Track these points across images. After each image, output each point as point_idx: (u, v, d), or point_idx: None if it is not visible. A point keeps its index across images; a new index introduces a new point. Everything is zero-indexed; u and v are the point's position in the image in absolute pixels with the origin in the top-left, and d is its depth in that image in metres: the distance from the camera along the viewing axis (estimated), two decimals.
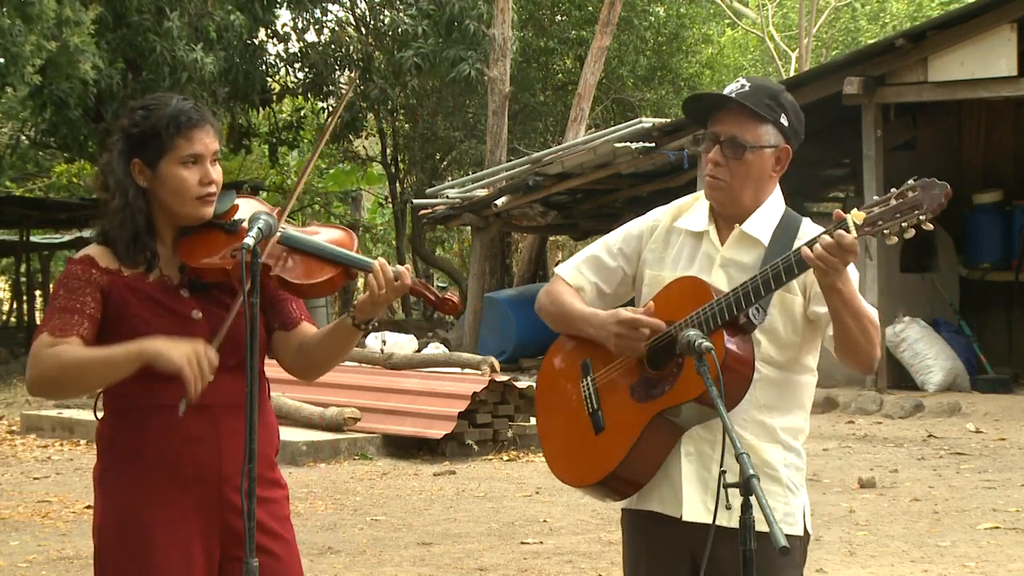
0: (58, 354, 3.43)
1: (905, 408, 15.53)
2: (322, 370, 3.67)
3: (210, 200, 3.54)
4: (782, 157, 3.69)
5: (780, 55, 37.31)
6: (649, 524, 3.67)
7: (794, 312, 3.63)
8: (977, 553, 8.31)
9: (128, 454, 3.54)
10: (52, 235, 36.53)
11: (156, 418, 3.48)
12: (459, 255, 36.97)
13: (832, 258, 3.34)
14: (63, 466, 12.48)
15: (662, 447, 3.58)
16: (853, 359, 3.57)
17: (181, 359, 3.34)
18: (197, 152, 3.51)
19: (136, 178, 3.53)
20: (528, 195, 21.18)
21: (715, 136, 3.63)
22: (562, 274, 3.86)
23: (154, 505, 3.49)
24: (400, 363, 14.72)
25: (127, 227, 3.52)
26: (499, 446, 12.93)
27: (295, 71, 28.40)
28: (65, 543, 8.88)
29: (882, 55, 16.84)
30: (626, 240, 3.82)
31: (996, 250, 18.84)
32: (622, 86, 30.96)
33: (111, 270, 3.52)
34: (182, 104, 3.55)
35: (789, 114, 3.67)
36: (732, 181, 3.63)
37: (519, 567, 8.07)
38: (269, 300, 3.62)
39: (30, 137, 27.30)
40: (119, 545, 3.52)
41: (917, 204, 3.32)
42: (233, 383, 3.45)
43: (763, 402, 3.62)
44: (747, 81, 3.67)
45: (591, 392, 3.67)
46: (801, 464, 3.72)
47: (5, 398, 19.09)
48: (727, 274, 3.63)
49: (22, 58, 17.80)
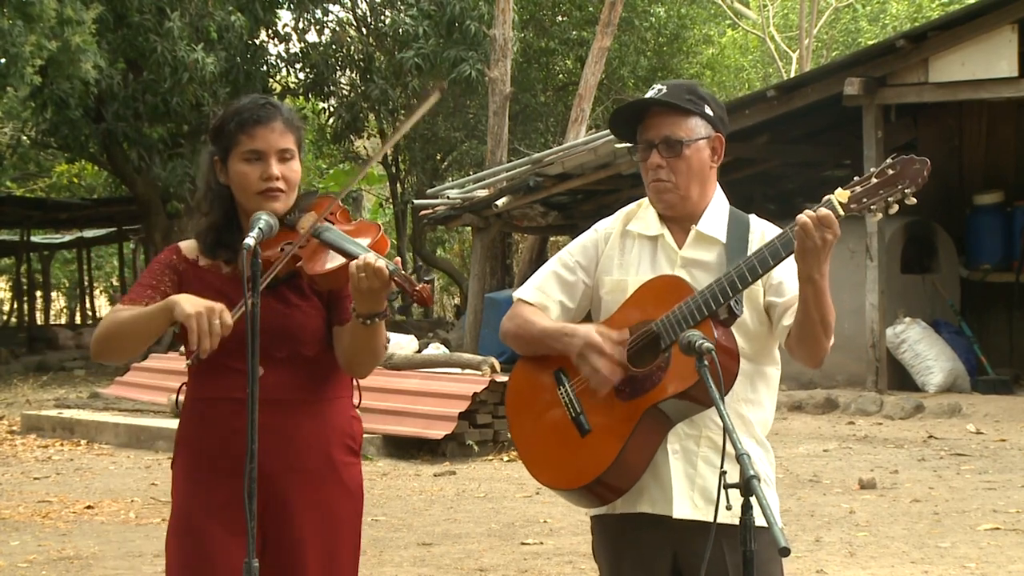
0: (113, 314, 3.63)
1: (905, 409, 15.52)
2: (358, 367, 3.68)
3: (273, 195, 3.60)
4: (717, 147, 3.73)
5: (781, 56, 37.31)
6: (632, 527, 3.67)
7: (758, 303, 3.66)
8: (977, 554, 8.31)
9: (185, 442, 3.70)
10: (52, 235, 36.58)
11: (206, 409, 3.62)
12: (460, 255, 36.99)
13: (812, 230, 3.37)
14: (63, 466, 12.48)
15: (651, 443, 3.59)
16: (808, 352, 3.59)
17: (191, 310, 3.42)
18: (258, 148, 3.59)
19: (218, 174, 3.67)
20: (529, 196, 21.18)
21: (649, 142, 3.68)
22: (524, 296, 3.87)
23: (199, 493, 3.61)
24: (400, 363, 14.72)
25: (208, 220, 3.68)
26: (499, 447, 12.94)
27: (296, 71, 28.43)
28: (65, 543, 8.89)
29: (883, 56, 16.83)
30: (582, 252, 3.84)
31: (997, 251, 18.83)
32: (623, 87, 30.97)
33: (190, 259, 3.70)
34: (252, 102, 3.65)
35: (711, 104, 3.72)
36: (677, 179, 3.67)
37: (519, 568, 8.07)
38: (332, 296, 3.68)
39: (31, 137, 27.31)
40: (173, 529, 3.66)
41: (898, 179, 3.39)
42: (279, 377, 3.51)
43: (740, 395, 3.65)
44: (662, 85, 3.73)
45: (571, 397, 3.67)
46: (771, 458, 3.78)
47: (6, 398, 19.10)
48: (690, 274, 3.66)
49: (22, 58, 17.81)
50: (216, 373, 3.59)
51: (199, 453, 3.63)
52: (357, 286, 3.45)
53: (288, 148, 3.63)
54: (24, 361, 25.82)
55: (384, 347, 3.72)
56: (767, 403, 3.74)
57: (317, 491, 3.62)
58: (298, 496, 3.56)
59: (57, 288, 44.90)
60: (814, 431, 14.04)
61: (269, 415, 3.52)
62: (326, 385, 3.68)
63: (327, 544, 3.64)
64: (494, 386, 13.02)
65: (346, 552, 3.69)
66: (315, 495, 3.61)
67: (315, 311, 3.66)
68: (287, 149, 3.63)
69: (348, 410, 3.78)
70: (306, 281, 3.62)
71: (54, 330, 31.49)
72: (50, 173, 36.06)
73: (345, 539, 3.69)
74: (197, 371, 3.65)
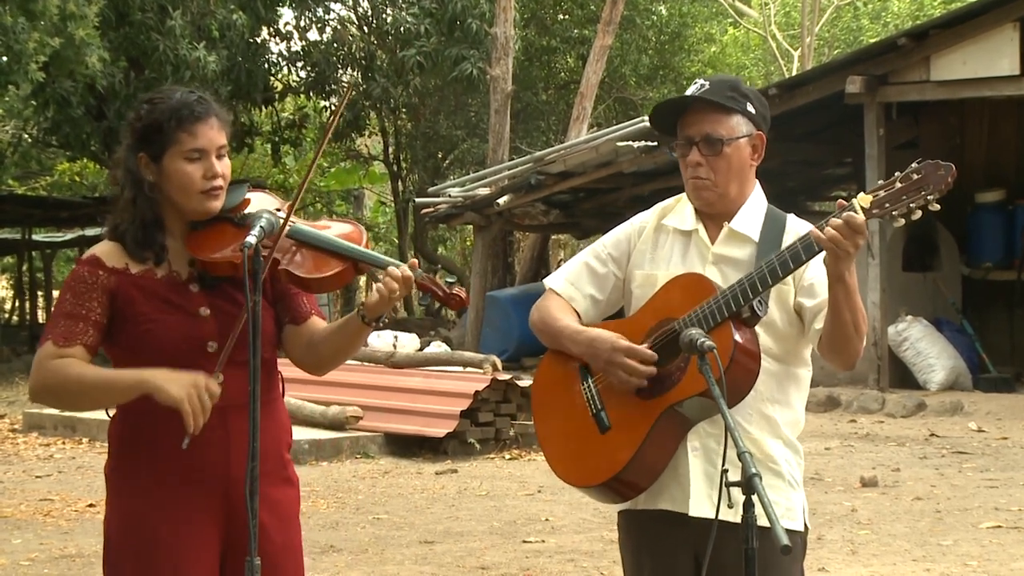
0: (61, 368, 3.43)
1: (907, 407, 15.53)
2: (331, 365, 3.65)
3: (216, 194, 3.51)
4: (758, 145, 3.71)
5: (782, 54, 37.29)
6: (654, 523, 3.67)
7: (788, 304, 3.64)
8: (979, 552, 8.31)
9: (137, 453, 3.53)
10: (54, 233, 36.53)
11: (165, 419, 3.43)
12: (461, 254, 36.98)
13: (843, 240, 3.34)
14: (65, 464, 12.48)
15: (670, 442, 3.58)
16: (840, 354, 3.57)
17: (180, 394, 3.33)
18: (200, 147, 3.48)
19: (143, 172, 3.52)
20: (530, 194, 21.18)
21: (689, 139, 3.66)
22: (553, 287, 3.85)
23: (161, 505, 3.49)
24: (402, 362, 14.72)
25: (136, 220, 3.52)
26: (501, 445, 12.94)
27: (297, 70, 28.40)
28: (67, 541, 8.89)
29: (884, 54, 16.84)
30: (615, 245, 3.83)
31: (998, 249, 18.83)
32: (624, 85, 30.96)
33: (118, 269, 3.51)
34: (186, 97, 3.52)
35: (753, 102, 3.70)
36: (716, 178, 3.65)
37: (521, 566, 8.07)
38: (280, 294, 3.61)
39: (32, 135, 27.32)
40: (125, 543, 3.52)
41: (922, 185, 3.34)
42: (238, 382, 3.39)
43: (766, 395, 3.62)
44: (705, 80, 3.70)
45: (593, 394, 3.66)
46: (799, 459, 3.74)
47: (7, 396, 19.10)
48: (720, 271, 3.64)
49: (25, 55, 17.80)
50: None
51: (152, 462, 3.49)
52: (387, 296, 3.41)
53: (223, 144, 3.53)
54: (26, 359, 25.80)
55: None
56: (796, 404, 3.71)
57: (274, 491, 3.56)
58: (261, 496, 3.43)
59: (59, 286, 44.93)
60: (816, 429, 14.04)
61: (233, 419, 3.46)
62: (271, 385, 3.62)
63: (285, 541, 3.60)
64: (496, 384, 13.01)
65: (299, 543, 3.66)
66: (272, 495, 3.55)
67: (267, 312, 3.55)
68: (223, 145, 3.53)
69: (284, 408, 3.73)
70: (283, 282, 3.53)
71: None
72: (52, 171, 36.05)
73: (296, 531, 3.66)
74: None
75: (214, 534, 3.51)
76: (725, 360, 3.41)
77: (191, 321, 3.48)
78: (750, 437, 3.58)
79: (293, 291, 3.60)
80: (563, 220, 23.38)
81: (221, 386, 3.41)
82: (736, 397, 3.47)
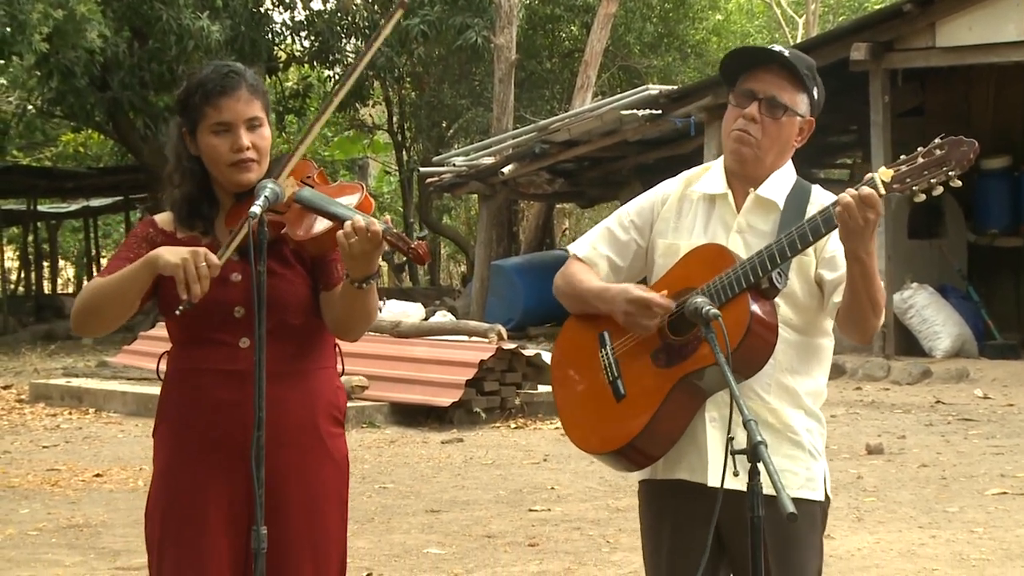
0: (90, 285, 3.58)
1: (913, 374, 15.53)
2: (348, 330, 3.61)
3: (246, 166, 3.53)
4: (805, 129, 3.70)
5: (787, 21, 37.17)
6: (672, 493, 3.66)
7: (809, 275, 3.62)
8: (985, 518, 8.32)
9: (169, 414, 3.63)
10: (59, 204, 36.57)
11: (194, 380, 3.54)
12: (466, 223, 36.96)
13: (854, 210, 3.32)
14: (72, 434, 12.52)
15: (685, 412, 3.56)
16: (856, 329, 3.56)
17: (175, 259, 3.37)
18: (225, 120, 3.51)
19: (188, 146, 3.59)
20: (535, 163, 21.16)
21: (752, 93, 3.61)
22: (576, 252, 3.84)
23: (185, 463, 3.55)
24: (407, 331, 14.73)
25: (179, 192, 3.61)
26: (506, 414, 12.96)
27: (301, 39, 28.35)
28: (75, 511, 8.92)
29: (890, 20, 16.77)
30: (639, 213, 3.80)
31: (1004, 216, 18.80)
32: (628, 53, 30.86)
33: (167, 231, 3.62)
34: (212, 72, 3.56)
35: (819, 88, 3.69)
36: (762, 140, 3.62)
37: (527, 534, 8.09)
38: (316, 260, 3.61)
39: (37, 106, 27.28)
40: (157, 499, 3.60)
41: (945, 161, 3.32)
42: (270, 348, 3.41)
43: (785, 365, 3.60)
44: (783, 48, 3.67)
45: (610, 361, 3.65)
46: (822, 429, 3.72)
47: (14, 367, 19.15)
48: (743, 240, 3.62)
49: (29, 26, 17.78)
50: (200, 345, 3.54)
51: (181, 423, 3.58)
52: (349, 251, 3.37)
53: (256, 116, 3.55)
54: (32, 330, 25.86)
55: (377, 308, 3.66)
56: (817, 374, 3.69)
57: (303, 462, 3.57)
58: (284, 467, 3.50)
59: (64, 257, 44.94)
60: None
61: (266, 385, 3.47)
62: (312, 355, 3.63)
63: (314, 516, 3.58)
64: (501, 353, 13.02)
65: (332, 523, 3.63)
66: (302, 467, 3.56)
67: (299, 279, 3.58)
68: (255, 117, 3.55)
69: (333, 380, 3.71)
70: (291, 247, 3.55)
71: (61, 299, 31.49)
72: (56, 142, 36.04)
73: (332, 510, 3.64)
74: (180, 341, 3.60)
75: (236, 497, 3.51)
76: (741, 331, 3.40)
77: (220, 286, 3.48)
78: (769, 407, 3.58)
79: (328, 257, 3.59)
80: (568, 189, 23.36)
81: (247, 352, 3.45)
82: (753, 368, 3.47)
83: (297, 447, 3.54)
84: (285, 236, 3.51)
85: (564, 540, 7.93)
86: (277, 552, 3.49)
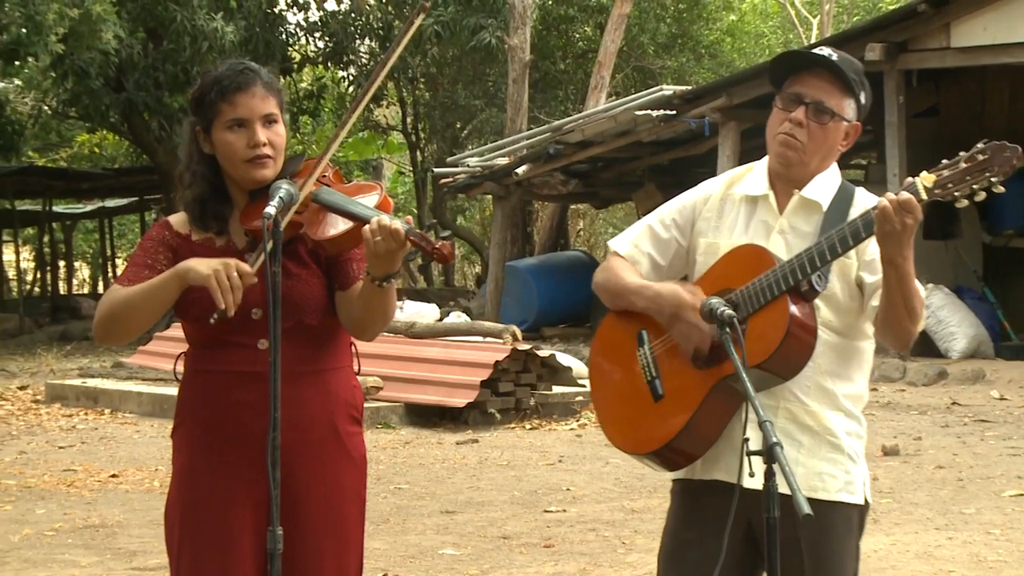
0: (112, 292, 3.57)
1: (929, 375, 15.50)
2: (366, 330, 3.61)
3: (262, 163, 3.54)
4: (851, 134, 3.68)
5: (801, 22, 37.12)
6: (707, 492, 3.62)
7: (850, 277, 3.60)
8: (1002, 520, 8.30)
9: (188, 415, 3.64)
10: (75, 205, 36.68)
11: (212, 380, 3.56)
12: (480, 224, 36.97)
13: (892, 214, 3.32)
14: (88, 435, 12.54)
15: (723, 414, 3.54)
16: (892, 335, 3.55)
17: (207, 271, 3.37)
18: (240, 116, 3.52)
19: (202, 144, 3.59)
20: (549, 163, 21.15)
21: (799, 97, 3.60)
22: (617, 248, 3.82)
23: (206, 464, 3.56)
24: (422, 332, 14.74)
25: (193, 192, 3.60)
26: (521, 415, 12.96)
27: (315, 40, 28.38)
28: (90, 511, 8.94)
29: (904, 21, 16.74)
30: (680, 212, 3.78)
31: (1020, 217, 18.75)
32: (642, 54, 30.84)
33: (182, 234, 3.62)
34: (227, 69, 3.57)
35: (866, 92, 3.68)
36: (808, 144, 3.60)
37: (542, 535, 8.09)
38: (331, 260, 3.61)
39: (52, 107, 27.36)
40: (177, 499, 3.62)
41: (987, 166, 3.30)
42: (291, 351, 3.43)
43: (825, 368, 3.58)
44: (832, 52, 3.65)
45: (649, 361, 3.63)
46: (862, 432, 3.70)
47: (30, 367, 19.19)
48: (785, 241, 3.60)
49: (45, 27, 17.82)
50: (218, 347, 3.55)
51: (201, 425, 3.58)
52: (374, 250, 3.37)
53: (271, 112, 3.56)
54: (48, 331, 25.92)
55: (396, 308, 3.65)
56: (857, 377, 3.67)
57: (322, 462, 3.57)
58: (303, 468, 3.51)
59: (80, 258, 45.05)
60: None
61: (284, 385, 3.45)
62: (328, 355, 3.63)
63: (334, 514, 3.59)
64: (516, 354, 13.02)
65: (352, 522, 3.65)
66: (320, 466, 3.57)
67: (315, 279, 3.59)
68: (270, 113, 3.56)
69: (350, 379, 3.72)
70: (310, 247, 3.55)
71: (77, 300, 31.59)
72: (71, 143, 36.15)
73: (350, 509, 3.64)
74: (198, 343, 3.60)
75: (253, 497, 3.52)
76: (781, 333, 3.39)
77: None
78: (808, 409, 3.56)
79: (344, 257, 3.60)
80: (582, 189, 23.34)
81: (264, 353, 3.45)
82: (792, 370, 3.45)
83: (316, 447, 3.55)
84: (304, 236, 3.51)
85: (579, 541, 7.92)
86: (299, 551, 3.51)
